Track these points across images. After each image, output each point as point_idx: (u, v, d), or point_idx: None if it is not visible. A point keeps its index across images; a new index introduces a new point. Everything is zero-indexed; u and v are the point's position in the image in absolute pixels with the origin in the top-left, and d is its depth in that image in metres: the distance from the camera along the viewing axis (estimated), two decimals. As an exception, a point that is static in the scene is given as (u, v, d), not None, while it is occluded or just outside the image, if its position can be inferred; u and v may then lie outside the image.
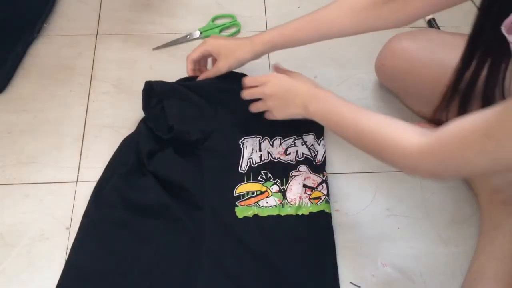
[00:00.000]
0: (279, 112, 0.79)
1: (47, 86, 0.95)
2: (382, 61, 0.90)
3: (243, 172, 0.83)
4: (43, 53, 0.99)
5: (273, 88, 0.78)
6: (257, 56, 0.84)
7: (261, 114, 0.81)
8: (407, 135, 0.60)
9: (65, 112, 0.91)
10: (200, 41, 1.02)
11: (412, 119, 0.90)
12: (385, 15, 0.73)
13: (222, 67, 0.84)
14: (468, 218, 0.82)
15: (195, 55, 0.87)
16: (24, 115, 0.91)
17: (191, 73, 0.88)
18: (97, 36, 1.02)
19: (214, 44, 0.86)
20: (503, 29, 0.55)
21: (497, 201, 0.78)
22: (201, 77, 0.88)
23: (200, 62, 0.90)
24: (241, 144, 0.85)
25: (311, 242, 0.77)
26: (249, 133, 0.87)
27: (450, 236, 0.81)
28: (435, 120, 0.86)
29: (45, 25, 1.03)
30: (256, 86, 0.80)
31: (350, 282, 0.76)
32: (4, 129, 0.89)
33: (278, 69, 0.83)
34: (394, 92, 0.94)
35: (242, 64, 0.84)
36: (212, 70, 0.87)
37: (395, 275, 0.77)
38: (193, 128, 0.83)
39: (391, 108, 0.93)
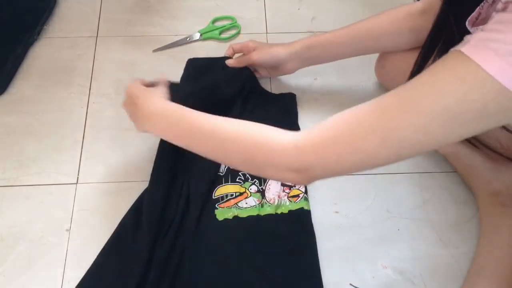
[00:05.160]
0: (134, 123, 0.75)
1: (47, 88, 0.95)
2: (382, 63, 0.90)
3: (221, 174, 0.83)
4: (43, 55, 0.99)
5: (126, 98, 0.76)
6: (293, 55, 0.85)
7: (239, 116, 0.80)
8: (281, 132, 0.57)
9: (65, 114, 0.92)
10: (200, 42, 1.02)
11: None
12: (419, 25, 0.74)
13: (253, 55, 0.87)
14: (468, 220, 0.82)
15: (237, 45, 0.91)
16: (24, 117, 0.91)
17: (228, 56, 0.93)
18: (97, 38, 1.03)
19: (257, 41, 0.90)
20: (468, 23, 0.56)
21: (496, 202, 0.78)
22: (233, 62, 0.91)
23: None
24: None
25: (292, 239, 0.77)
26: None
27: (450, 238, 0.80)
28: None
29: (45, 27, 1.03)
30: None
31: (350, 284, 0.76)
32: (4, 131, 0.89)
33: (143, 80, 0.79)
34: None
35: (273, 58, 0.86)
36: (243, 58, 0.90)
37: (395, 277, 0.77)
38: None
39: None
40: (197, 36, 1.03)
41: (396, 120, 0.49)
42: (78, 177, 0.84)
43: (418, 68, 0.77)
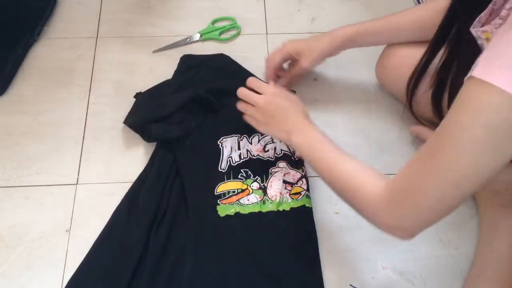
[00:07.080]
0: (262, 127, 0.78)
1: (47, 88, 0.95)
2: (383, 63, 0.90)
3: (223, 171, 0.83)
4: (43, 55, 0.99)
5: (267, 103, 0.76)
6: (336, 49, 0.84)
7: (239, 113, 0.81)
8: (372, 184, 0.60)
9: (65, 114, 0.92)
10: (200, 43, 1.02)
11: (412, 121, 0.90)
12: None
13: (307, 64, 0.85)
14: (468, 221, 0.82)
15: (277, 61, 0.88)
16: (24, 118, 0.91)
17: (270, 80, 0.88)
18: (97, 39, 1.03)
19: (293, 46, 0.87)
20: (479, 20, 0.57)
21: (496, 203, 0.78)
22: (283, 82, 0.91)
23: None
24: (220, 144, 0.85)
25: (293, 237, 0.78)
26: (228, 133, 0.87)
27: (450, 238, 0.81)
28: (435, 122, 0.87)
29: (45, 27, 1.03)
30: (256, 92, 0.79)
31: (350, 285, 0.76)
32: (4, 131, 0.89)
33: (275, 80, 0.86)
34: (394, 94, 0.94)
35: (324, 57, 0.85)
36: (295, 71, 0.89)
37: (395, 277, 0.77)
38: (173, 126, 0.84)
39: (391, 110, 0.94)
40: (197, 36, 1.03)
41: (442, 162, 0.50)
42: (78, 178, 0.84)
43: (421, 69, 0.77)
